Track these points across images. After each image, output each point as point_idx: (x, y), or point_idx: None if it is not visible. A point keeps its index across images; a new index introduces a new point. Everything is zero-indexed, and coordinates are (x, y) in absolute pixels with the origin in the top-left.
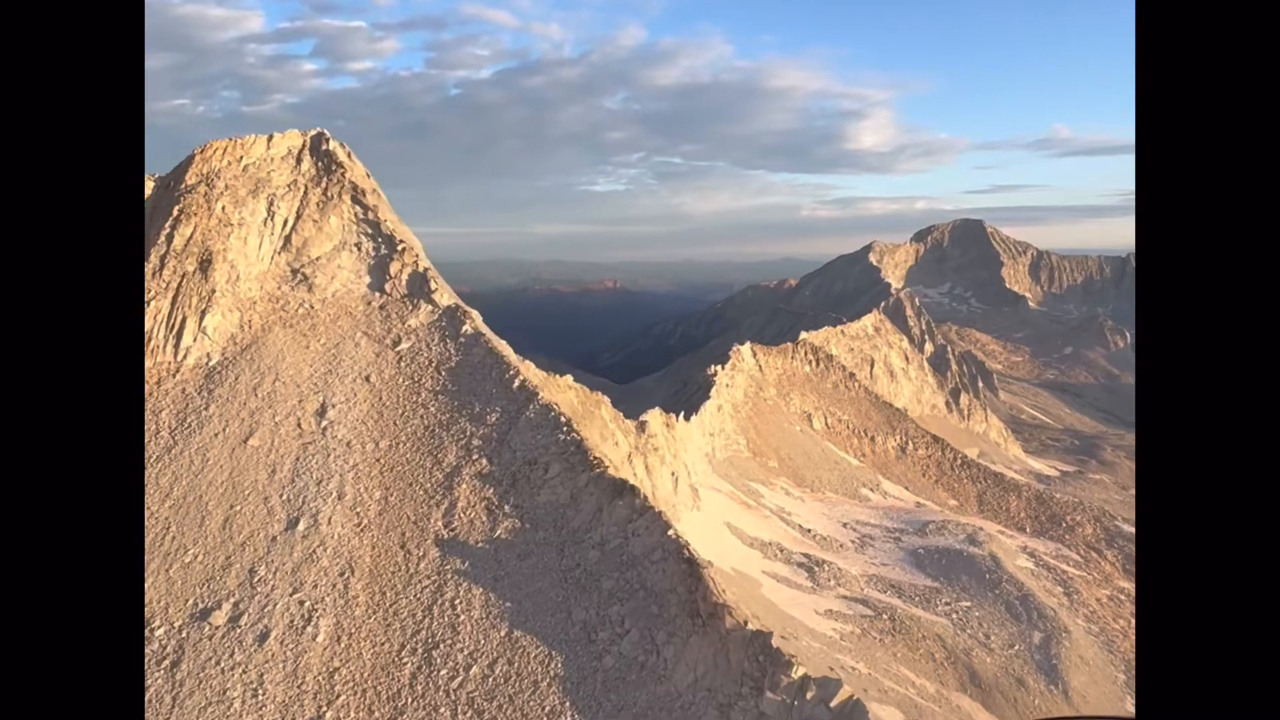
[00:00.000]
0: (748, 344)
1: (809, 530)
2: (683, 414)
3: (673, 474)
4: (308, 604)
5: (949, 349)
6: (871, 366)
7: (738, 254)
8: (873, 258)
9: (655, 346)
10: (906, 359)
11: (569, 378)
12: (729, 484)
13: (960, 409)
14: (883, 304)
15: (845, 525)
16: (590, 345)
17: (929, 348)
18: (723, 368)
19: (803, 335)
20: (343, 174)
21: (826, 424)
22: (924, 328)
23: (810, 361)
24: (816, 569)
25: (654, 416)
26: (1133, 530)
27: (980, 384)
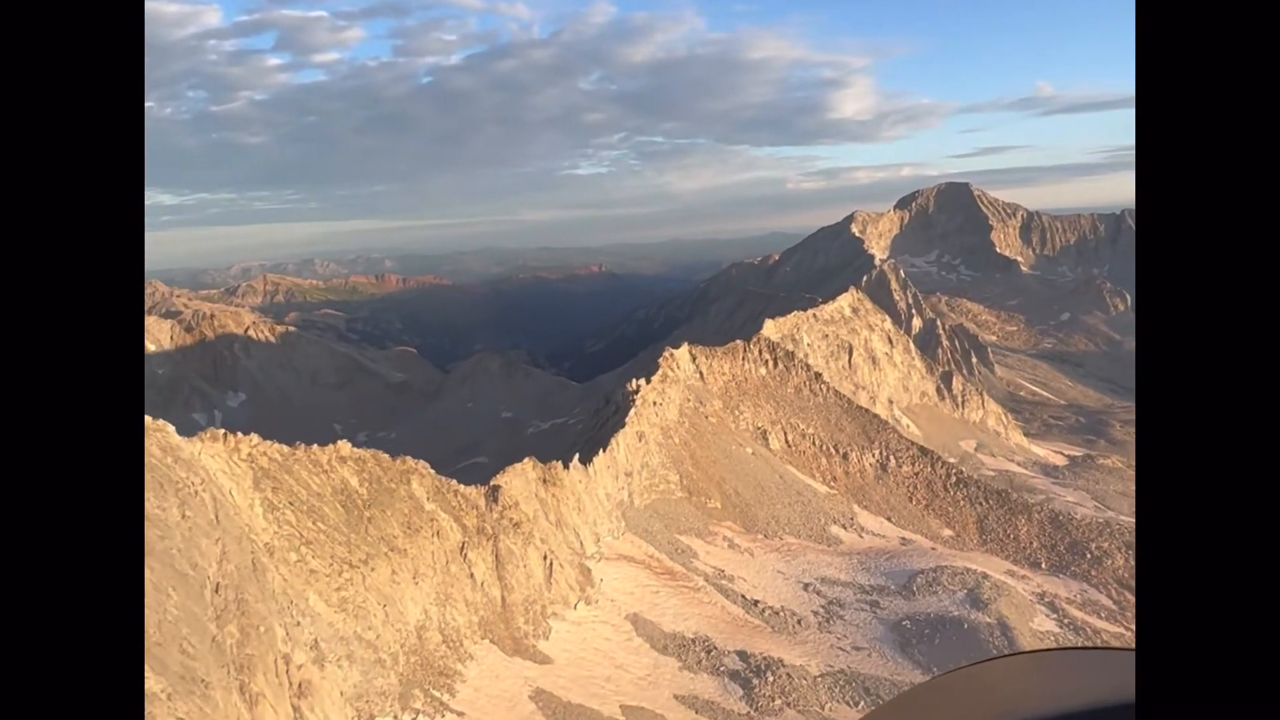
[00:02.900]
0: (684, 347)
1: (756, 603)
2: (578, 456)
3: (545, 557)
4: None
5: (938, 323)
6: (850, 354)
7: (725, 231)
8: (855, 229)
9: (639, 332)
10: (890, 342)
11: (345, 445)
12: (649, 543)
13: (953, 395)
14: (866, 278)
15: (807, 587)
16: (575, 333)
17: (917, 323)
18: (647, 381)
19: (765, 326)
20: None
21: (787, 441)
22: (910, 301)
23: (767, 362)
24: (757, 679)
25: (519, 475)
26: None
27: (974, 360)
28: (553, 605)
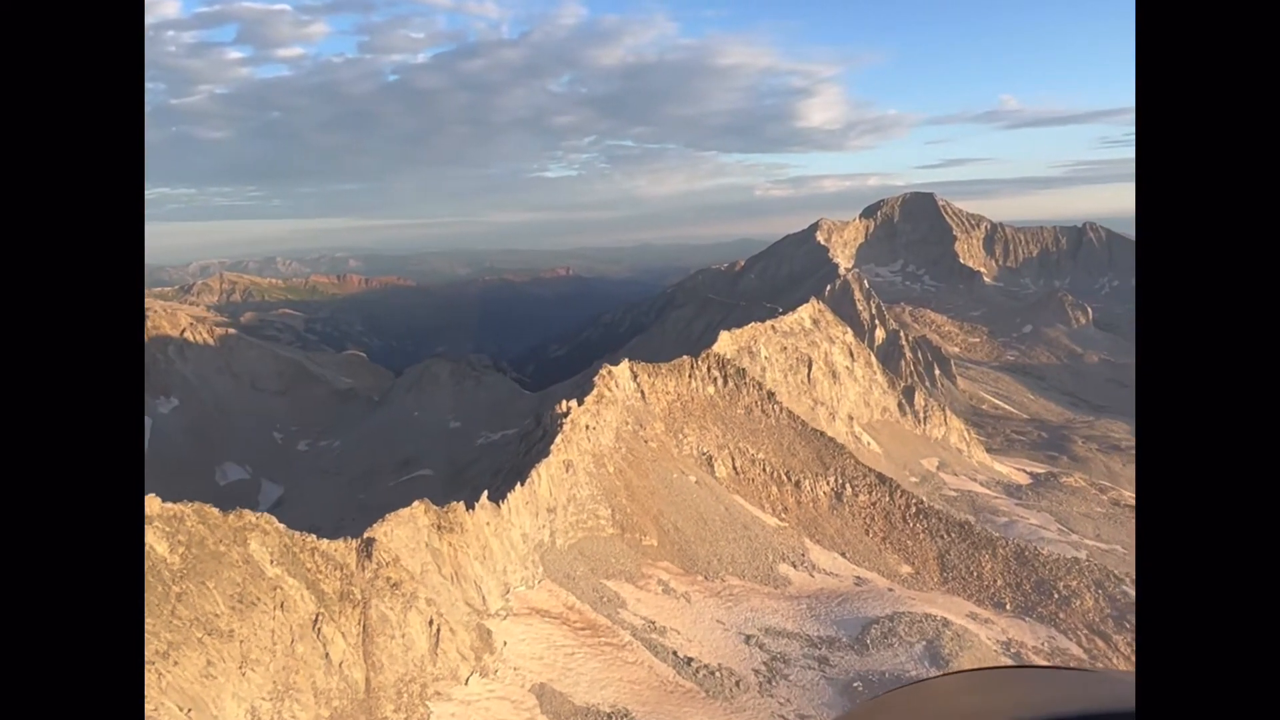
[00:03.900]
0: (624, 363)
1: (689, 661)
2: (487, 493)
3: (431, 621)
4: None
5: (901, 334)
6: (809, 367)
7: (694, 236)
8: (820, 237)
9: (605, 336)
10: (851, 355)
11: (153, 500)
12: (570, 591)
13: (915, 411)
14: (829, 287)
15: (749, 640)
16: (540, 336)
17: (880, 334)
18: (579, 403)
19: (720, 339)
20: None
21: (734, 468)
22: (874, 312)
23: (715, 380)
24: None
25: (404, 522)
26: None
27: (937, 372)
28: (437, 682)
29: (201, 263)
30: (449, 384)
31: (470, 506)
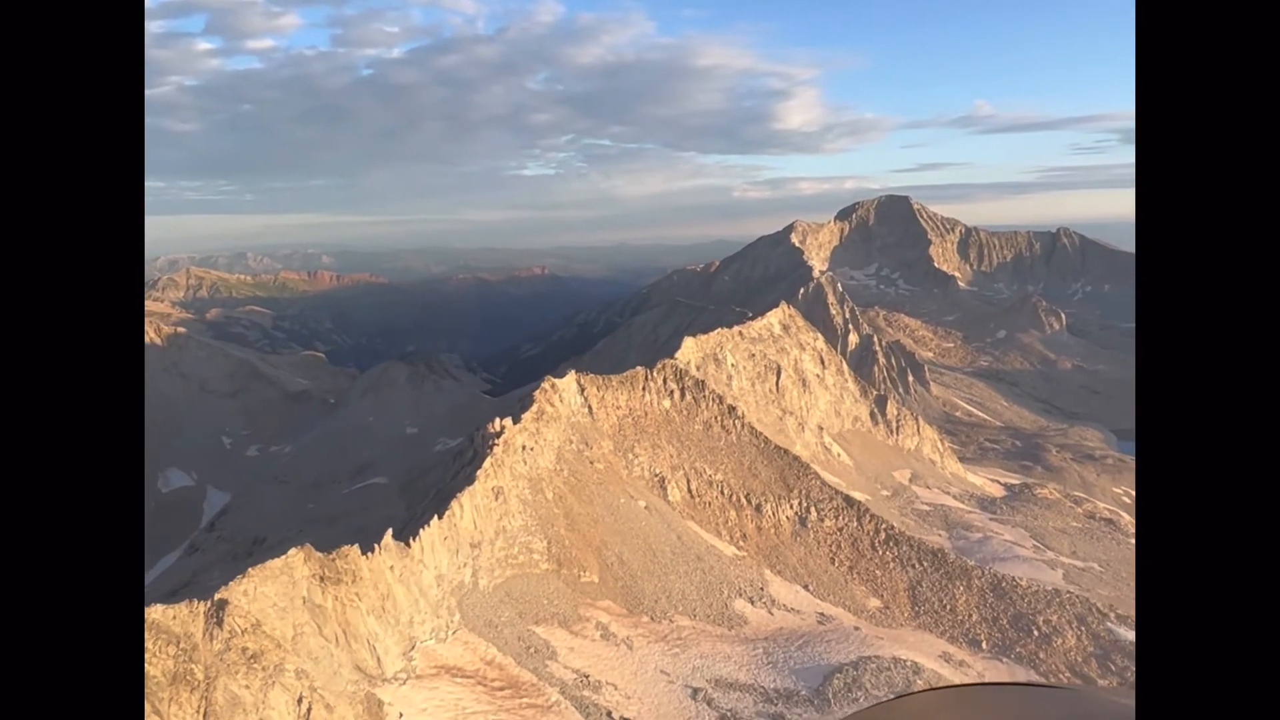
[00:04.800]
0: (570, 375)
1: None
2: (391, 532)
3: (300, 699)
4: None
5: (875, 339)
6: (778, 375)
7: (671, 237)
8: (795, 239)
9: (579, 336)
10: (822, 362)
11: None
12: (492, 643)
13: (887, 421)
14: (803, 290)
15: (696, 694)
16: (514, 336)
17: (853, 339)
18: (514, 421)
19: (684, 345)
20: None
21: (690, 491)
22: (847, 316)
23: (672, 392)
24: None
25: (275, 576)
26: (1127, 633)
27: (910, 378)
28: None
29: (169, 257)
30: (406, 388)
31: (368, 550)
